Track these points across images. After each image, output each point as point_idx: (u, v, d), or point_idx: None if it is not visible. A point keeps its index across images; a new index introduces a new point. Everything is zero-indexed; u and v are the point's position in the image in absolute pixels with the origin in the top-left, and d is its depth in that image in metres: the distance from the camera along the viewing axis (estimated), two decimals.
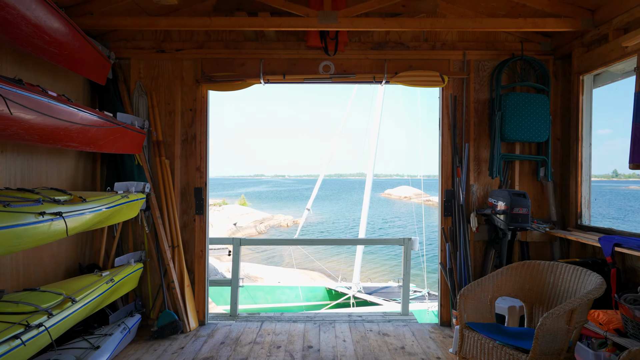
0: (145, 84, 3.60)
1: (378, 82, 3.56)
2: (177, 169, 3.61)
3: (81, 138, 2.36)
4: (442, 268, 3.59)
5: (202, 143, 3.63)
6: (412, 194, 60.54)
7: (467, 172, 3.58)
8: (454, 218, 3.58)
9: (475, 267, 3.57)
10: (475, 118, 3.61)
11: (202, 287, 3.63)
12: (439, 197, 3.67)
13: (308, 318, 4.06)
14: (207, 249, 3.69)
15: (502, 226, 3.17)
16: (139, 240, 3.58)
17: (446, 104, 3.62)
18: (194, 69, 3.61)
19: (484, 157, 3.63)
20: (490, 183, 3.64)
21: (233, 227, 22.63)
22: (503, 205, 3.15)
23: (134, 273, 3.16)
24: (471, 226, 3.46)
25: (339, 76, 3.52)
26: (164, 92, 3.62)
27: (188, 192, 3.65)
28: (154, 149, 3.56)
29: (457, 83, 3.64)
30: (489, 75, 3.61)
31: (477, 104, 3.61)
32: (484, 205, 3.62)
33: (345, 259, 14.89)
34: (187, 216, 3.65)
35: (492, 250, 3.52)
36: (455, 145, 3.59)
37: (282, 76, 3.51)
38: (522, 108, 3.35)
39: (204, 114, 3.63)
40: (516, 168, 3.58)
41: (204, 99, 3.63)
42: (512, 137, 3.37)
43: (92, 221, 2.37)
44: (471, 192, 3.59)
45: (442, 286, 3.64)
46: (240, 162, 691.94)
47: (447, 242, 3.54)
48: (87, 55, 2.81)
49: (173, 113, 3.61)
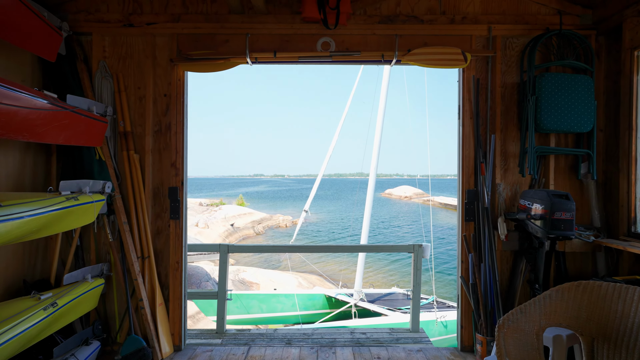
0: (110, 65, 3.03)
1: (387, 62, 2.99)
2: (149, 165, 3.05)
3: (3, 123, 1.79)
4: (464, 283, 3.02)
5: (179, 134, 3.06)
6: (412, 194, 60.08)
7: (493, 168, 3.01)
8: (477, 223, 3.01)
9: (502, 282, 3.01)
10: (502, 105, 3.05)
11: (179, 304, 3.06)
12: (459, 199, 3.10)
13: (305, 336, 3.50)
14: (185, 260, 3.12)
15: (540, 234, 2.60)
16: (104, 250, 3.01)
17: (467, 88, 3.05)
18: (168, 47, 3.04)
19: (511, 151, 3.07)
20: (520, 182, 3.07)
21: (230, 228, 22.05)
22: (540, 209, 2.58)
23: (91, 292, 2.59)
24: (499, 233, 2.89)
25: (340, 54, 2.95)
26: (133, 74, 3.05)
27: (162, 193, 3.08)
28: (121, 141, 2.99)
29: (481, 64, 3.07)
30: (518, 55, 3.04)
31: (504, 88, 3.05)
32: (511, 208, 3.05)
33: (346, 261, 14.33)
34: (160, 221, 3.09)
35: (521, 261, 2.96)
36: (478, 137, 3.03)
37: (272, 54, 2.94)
38: (561, 91, 2.78)
39: (181, 100, 3.07)
40: (551, 164, 3.02)
41: (180, 81, 3.06)
42: (549, 126, 2.80)
43: (18, 232, 1.80)
44: (497, 192, 3.02)
45: (463, 304, 3.07)
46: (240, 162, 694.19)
47: (470, 253, 2.97)
48: (27, 23, 2.25)
49: (144, 99, 3.04)
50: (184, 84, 3.08)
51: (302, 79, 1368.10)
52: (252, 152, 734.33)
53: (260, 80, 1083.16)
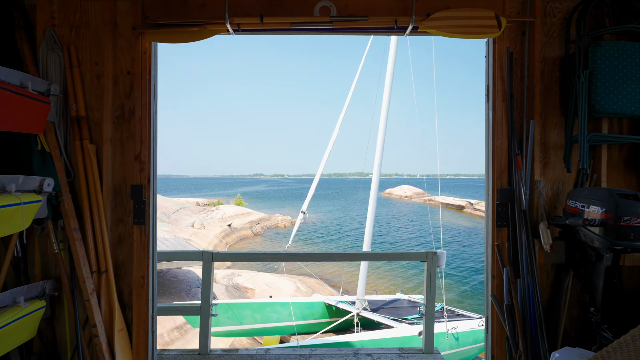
0: (60, 34, 2.46)
1: (401, 30, 2.42)
2: (108, 157, 2.48)
3: None
4: (496, 303, 2.45)
5: (145, 120, 2.49)
6: (412, 194, 59.56)
7: (531, 162, 2.44)
8: (511, 230, 2.45)
9: (541, 303, 2.44)
10: (542, 85, 2.48)
11: (144, 329, 2.49)
12: (489, 199, 2.54)
13: (302, 359, 2.95)
14: (153, 274, 2.55)
15: (598, 244, 2.03)
16: (52, 263, 2.44)
17: (500, 64, 2.48)
18: (132, 13, 2.47)
19: (552, 141, 2.50)
20: (563, 178, 2.50)
21: (227, 228, 21.47)
22: (600, 213, 2.01)
23: (25, 318, 2.03)
24: (542, 243, 2.32)
25: (343, 20, 2.38)
26: (88, 47, 2.48)
27: (124, 192, 2.51)
28: (74, 128, 2.42)
29: (515, 34, 2.50)
30: (561, 23, 2.47)
31: (543, 63, 2.48)
32: (552, 211, 2.49)
33: (347, 264, 13.75)
34: (123, 227, 2.52)
35: (567, 277, 2.39)
36: (513, 124, 2.46)
37: (258, 19, 2.37)
38: (623, 64, 2.21)
39: (147, 78, 2.50)
40: (603, 156, 2.45)
41: (146, 55, 2.49)
42: (607, 107, 2.24)
43: None
44: (536, 191, 2.46)
45: (494, 329, 2.50)
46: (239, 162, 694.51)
47: (505, 267, 2.40)
48: None
49: (102, 77, 2.47)
50: (151, 59, 2.51)
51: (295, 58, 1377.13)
52: (252, 152, 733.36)
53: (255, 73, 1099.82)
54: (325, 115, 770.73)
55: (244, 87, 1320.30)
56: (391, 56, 7.04)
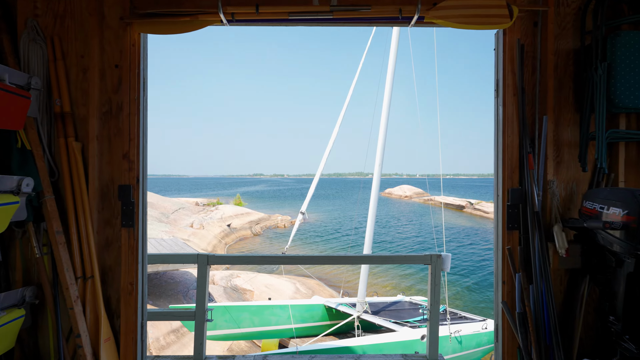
0: (43, 25, 2.31)
1: (406, 20, 2.27)
2: (94, 156, 2.33)
3: None
4: (507, 311, 2.31)
5: (133, 116, 2.35)
6: (412, 193, 59.44)
7: (544, 160, 2.30)
8: (522, 233, 2.31)
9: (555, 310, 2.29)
10: (555, 79, 2.34)
11: (132, 339, 2.34)
12: (499, 200, 2.39)
13: None
14: (142, 280, 2.40)
15: (619, 249, 1.89)
16: (35, 268, 2.29)
17: (510, 57, 2.34)
18: (120, 3, 2.33)
19: (565, 139, 2.36)
20: (577, 178, 2.36)
21: (227, 228, 21.33)
22: (621, 215, 1.87)
23: (2, 329, 1.88)
24: (557, 247, 2.17)
25: (344, 9, 2.24)
26: (74, 39, 2.33)
27: (112, 193, 2.37)
28: (58, 124, 2.28)
29: (526, 25, 2.36)
30: (575, 13, 2.33)
31: (556, 56, 2.34)
32: (566, 213, 2.34)
33: (347, 264, 13.61)
34: (111, 230, 2.37)
35: (582, 283, 2.25)
36: (524, 120, 2.31)
37: (254, 9, 2.22)
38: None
39: (136, 72, 2.35)
40: (620, 154, 2.31)
41: (135, 47, 2.35)
42: (628, 102, 2.10)
43: None
44: (550, 192, 2.31)
45: (505, 338, 2.36)
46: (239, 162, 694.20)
47: (517, 272, 2.26)
48: None
49: (88, 70, 2.33)
50: (140, 51, 2.36)
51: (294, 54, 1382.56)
52: (252, 152, 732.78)
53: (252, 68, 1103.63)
54: (325, 115, 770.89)
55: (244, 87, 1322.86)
56: (392, 55, 6.90)
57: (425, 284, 8.11)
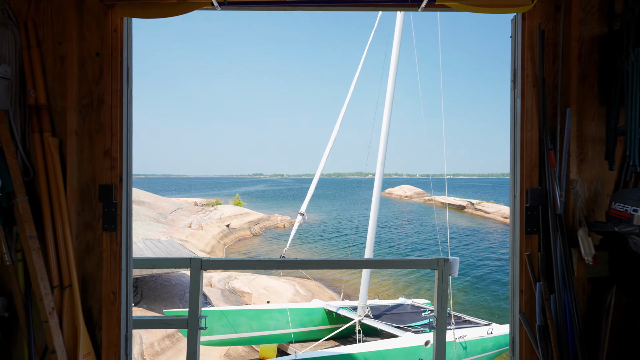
0: (16, 8, 2.10)
1: (415, 4, 2.07)
2: (73, 153, 2.12)
3: None
4: (526, 323, 2.10)
5: (116, 109, 2.14)
6: (412, 193, 59.27)
7: (567, 158, 2.09)
8: (544, 237, 2.10)
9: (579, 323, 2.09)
10: (578, 69, 2.13)
11: (115, 353, 2.14)
12: (515, 201, 2.19)
13: None
14: (127, 288, 2.20)
15: None
16: (7, 277, 2.09)
17: (530, 44, 2.13)
18: None
19: (589, 134, 2.15)
20: (602, 177, 2.16)
21: (225, 229, 21.12)
22: None
23: None
24: (582, 253, 1.97)
25: None
26: (50, 24, 2.13)
27: (93, 193, 2.16)
28: (33, 118, 2.07)
29: (547, 9, 2.15)
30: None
31: (580, 43, 2.13)
32: (590, 215, 2.14)
33: None
34: (92, 233, 2.17)
35: (610, 294, 2.04)
36: (545, 114, 2.11)
37: None
38: None
39: (119, 60, 2.14)
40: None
41: (117, 33, 2.14)
42: None
43: None
44: (573, 192, 2.11)
45: (523, 352, 2.15)
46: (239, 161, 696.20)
47: (538, 281, 2.05)
48: None
49: (66, 59, 2.12)
50: (124, 37, 2.15)
51: None
52: (251, 152, 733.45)
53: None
54: (325, 115, 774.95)
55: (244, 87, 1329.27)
56: (395, 51, 6.70)
57: (426, 283, 7.91)
